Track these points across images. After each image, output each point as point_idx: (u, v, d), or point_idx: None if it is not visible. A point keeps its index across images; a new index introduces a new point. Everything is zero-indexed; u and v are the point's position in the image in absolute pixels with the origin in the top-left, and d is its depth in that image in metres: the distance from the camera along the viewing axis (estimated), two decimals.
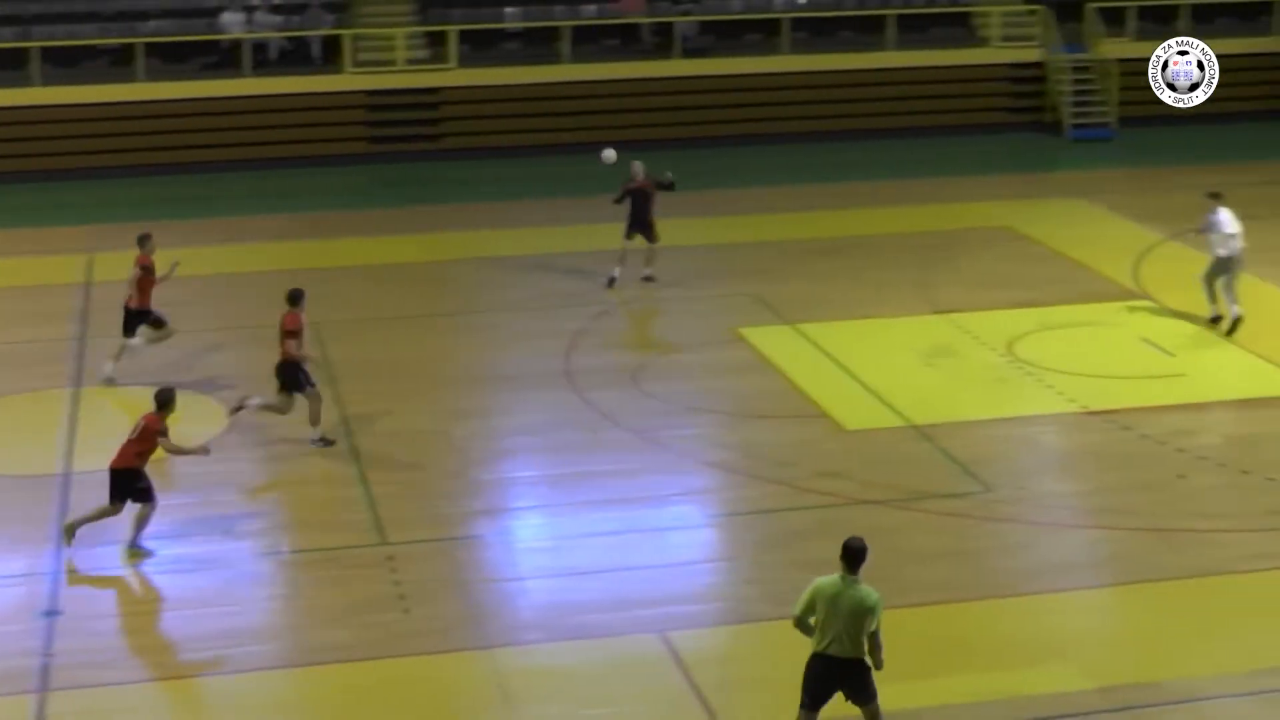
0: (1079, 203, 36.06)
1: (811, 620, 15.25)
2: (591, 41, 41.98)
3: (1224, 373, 26.19)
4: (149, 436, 20.00)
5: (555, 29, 41.52)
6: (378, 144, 40.39)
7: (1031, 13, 43.40)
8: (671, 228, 31.58)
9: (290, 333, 22.87)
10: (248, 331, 27.20)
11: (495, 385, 25.86)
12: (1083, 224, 34.31)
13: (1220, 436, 23.60)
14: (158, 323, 25.63)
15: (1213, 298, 27.83)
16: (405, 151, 40.29)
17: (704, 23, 42.47)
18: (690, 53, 41.78)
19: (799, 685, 15.60)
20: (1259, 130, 42.66)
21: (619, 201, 30.09)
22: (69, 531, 20.16)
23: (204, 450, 20.82)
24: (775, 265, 31.16)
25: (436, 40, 41.02)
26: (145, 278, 25.32)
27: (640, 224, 30.05)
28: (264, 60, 40.65)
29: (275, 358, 23.07)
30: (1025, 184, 37.80)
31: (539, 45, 41.88)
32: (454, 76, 40.65)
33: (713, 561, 20.50)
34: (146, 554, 20.05)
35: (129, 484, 20.02)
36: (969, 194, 36.77)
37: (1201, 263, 28.11)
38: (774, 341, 27.26)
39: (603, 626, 18.47)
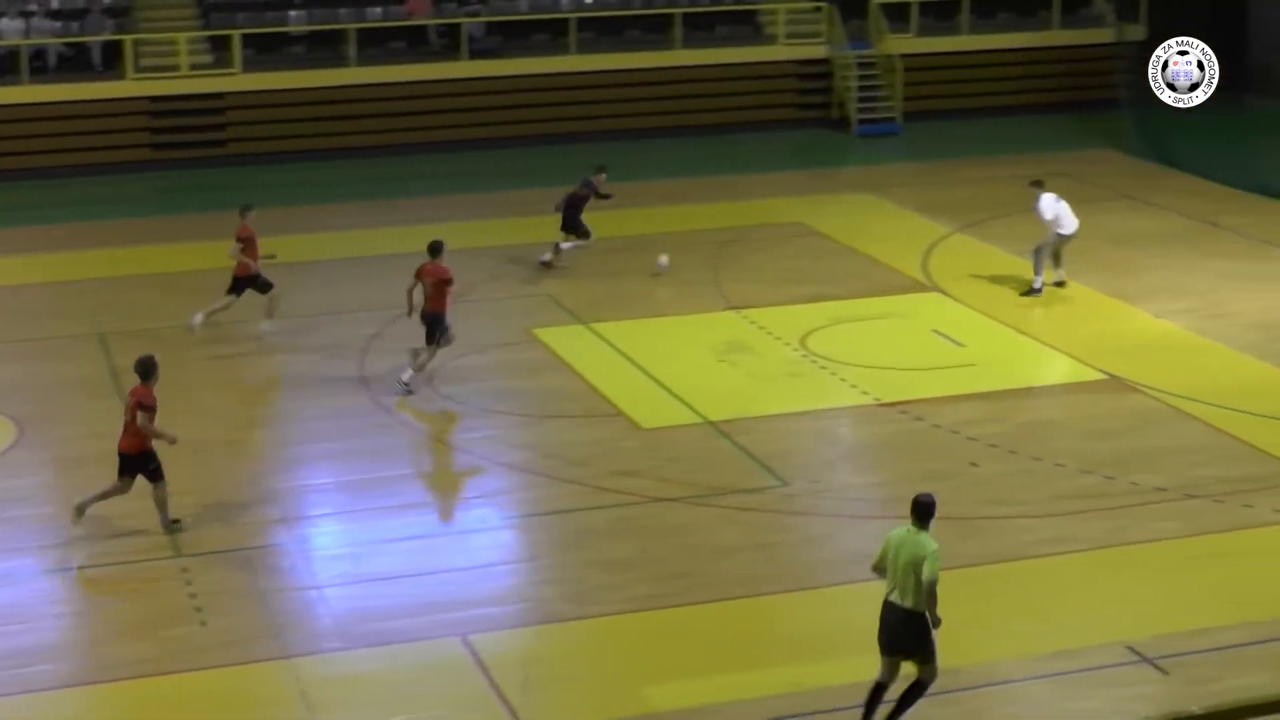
0: (868, 197, 36.41)
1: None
2: (378, 44, 41.63)
3: (1013, 361, 26.57)
4: (147, 408, 20.03)
5: (341, 32, 41.11)
6: (162, 150, 39.76)
7: (817, 10, 43.74)
8: (462, 230, 31.48)
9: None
10: (34, 345, 26.71)
11: (288, 392, 25.58)
12: (872, 218, 34.65)
13: (1011, 424, 23.89)
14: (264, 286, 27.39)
15: (1047, 267, 29.05)
16: (191, 158, 39.69)
17: (491, 23, 42.30)
18: (478, 54, 41.59)
19: (600, 684, 15.59)
20: (1040, 123, 43.31)
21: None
22: (79, 511, 20.32)
23: (173, 438, 20.44)
24: (569, 265, 31.10)
25: (220, 44, 40.46)
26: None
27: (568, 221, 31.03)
28: (43, 67, 39.86)
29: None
30: (815, 180, 38.10)
31: (325, 48, 41.45)
32: (239, 81, 40.13)
33: (512, 563, 20.41)
34: (183, 529, 20.42)
35: (141, 464, 20.21)
36: (760, 191, 36.98)
37: (996, 255, 28.50)
38: (569, 341, 27.24)
39: (404, 632, 18.33)
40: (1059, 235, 29.07)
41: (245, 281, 27.36)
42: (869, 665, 17.46)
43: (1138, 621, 18.34)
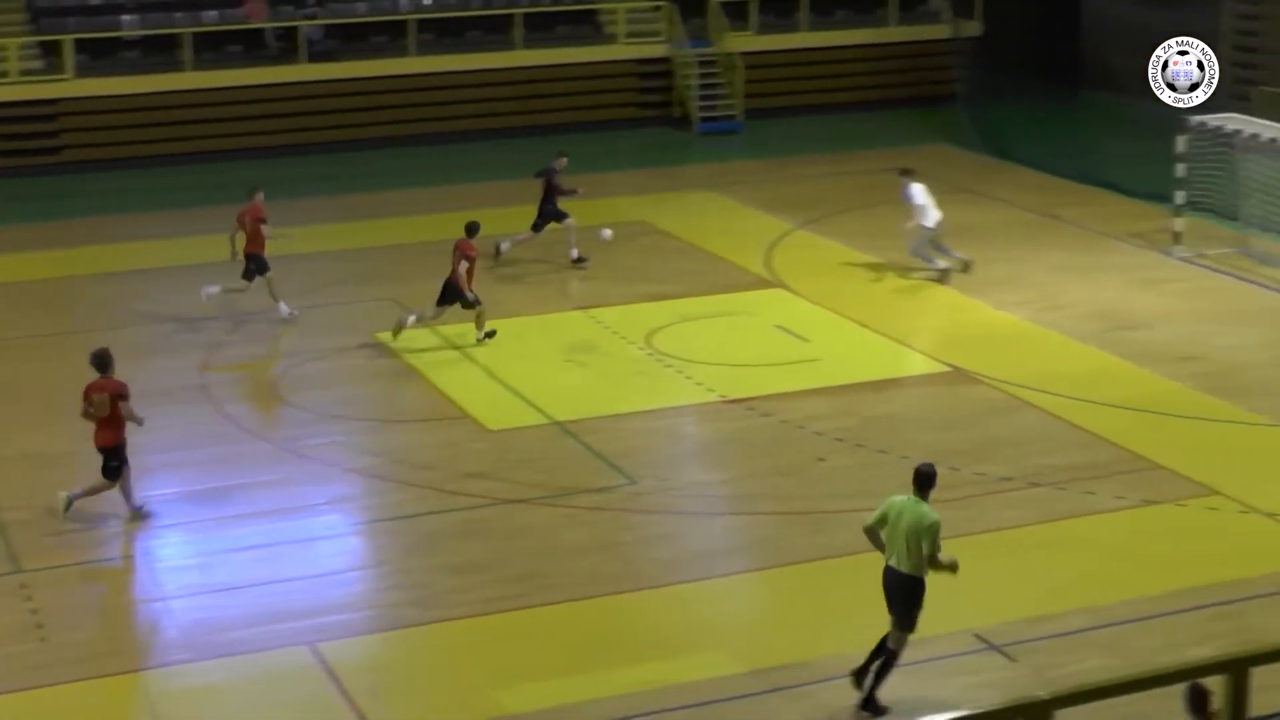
0: (711, 195, 36.52)
1: (883, 533, 16.47)
2: (214, 48, 41.21)
3: (857, 356, 26.74)
4: (124, 396, 20.55)
5: (176, 36, 40.65)
6: None
7: (656, 9, 43.83)
8: (304, 235, 31.29)
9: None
10: None
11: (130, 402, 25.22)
12: (715, 216, 34.77)
13: (856, 418, 24.05)
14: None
15: (936, 257, 29.56)
16: (23, 166, 39.06)
17: (329, 26, 42.01)
18: (316, 57, 41.29)
19: (451, 688, 15.52)
20: (879, 119, 43.65)
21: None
22: (66, 504, 20.78)
23: (140, 420, 21.03)
24: (412, 268, 30.92)
25: (51, 50, 39.88)
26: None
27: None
28: None
29: None
30: (658, 178, 38.17)
31: (160, 53, 40.93)
32: (71, 87, 39.55)
33: (360, 569, 20.28)
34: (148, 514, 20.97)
35: (117, 456, 20.70)
36: (603, 190, 36.91)
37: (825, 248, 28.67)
38: (413, 344, 27.09)
39: (252, 642, 18.16)
40: (925, 228, 29.38)
41: (258, 260, 27.97)
42: (720, 662, 17.58)
43: (985, 610, 18.52)
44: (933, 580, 19.25)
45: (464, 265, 26.66)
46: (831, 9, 45.72)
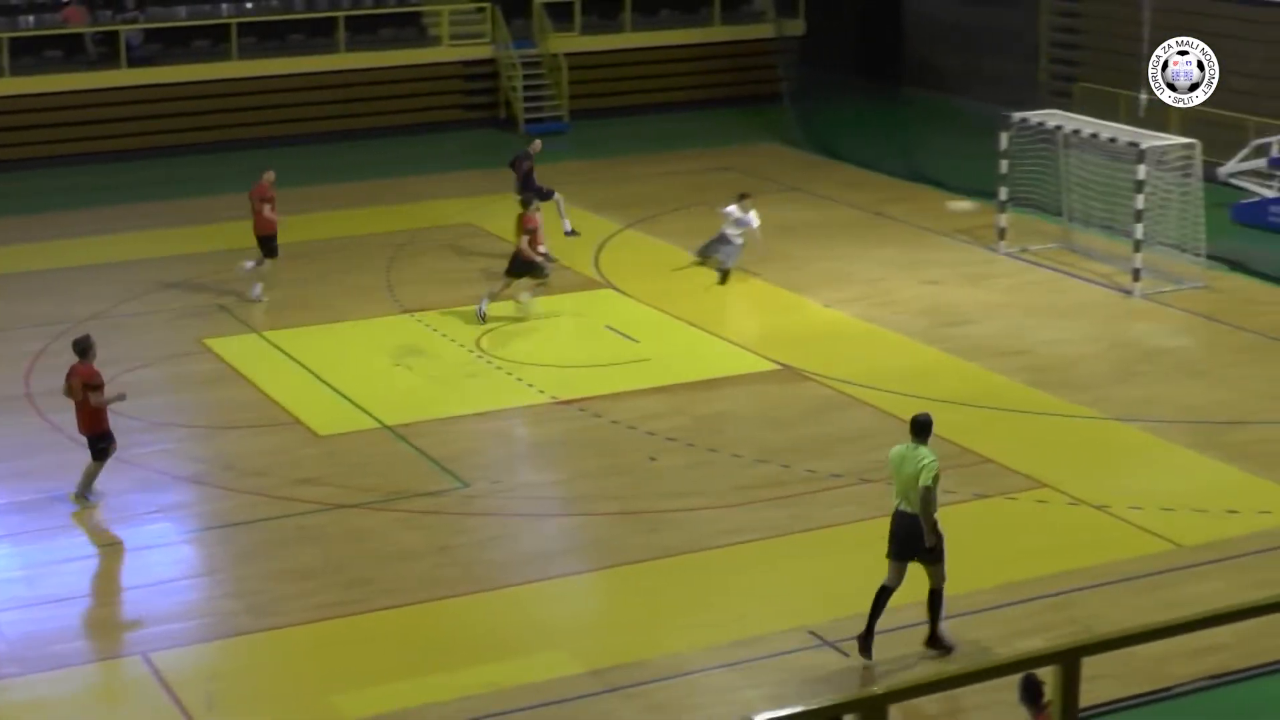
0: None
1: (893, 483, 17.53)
2: (32, 53, 40.59)
3: (687, 355, 26.84)
4: (94, 385, 21.08)
5: None
6: None
7: (480, 10, 43.74)
8: (129, 241, 30.94)
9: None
10: None
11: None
12: (543, 216, 34.64)
13: (688, 417, 24.14)
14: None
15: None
16: None
17: (150, 30, 41.52)
18: (137, 62, 40.79)
19: (288, 695, 15.38)
20: (706, 118, 43.84)
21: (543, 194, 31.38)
22: (79, 500, 21.29)
23: (122, 395, 21.82)
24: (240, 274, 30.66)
25: None
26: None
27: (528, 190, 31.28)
28: None
29: None
30: (485, 180, 38.03)
31: None
32: None
33: (192, 578, 20.05)
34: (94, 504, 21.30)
35: (103, 440, 21.31)
36: (430, 192, 36.88)
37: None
38: (241, 351, 26.87)
39: (83, 653, 17.97)
40: (731, 238, 29.63)
41: (271, 239, 29.12)
42: (558, 662, 17.58)
43: (819, 606, 18.65)
44: (766, 577, 19.43)
45: (525, 239, 28.05)
46: (656, 9, 45.88)
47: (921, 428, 17.59)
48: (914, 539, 17.29)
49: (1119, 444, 23.29)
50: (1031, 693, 14.22)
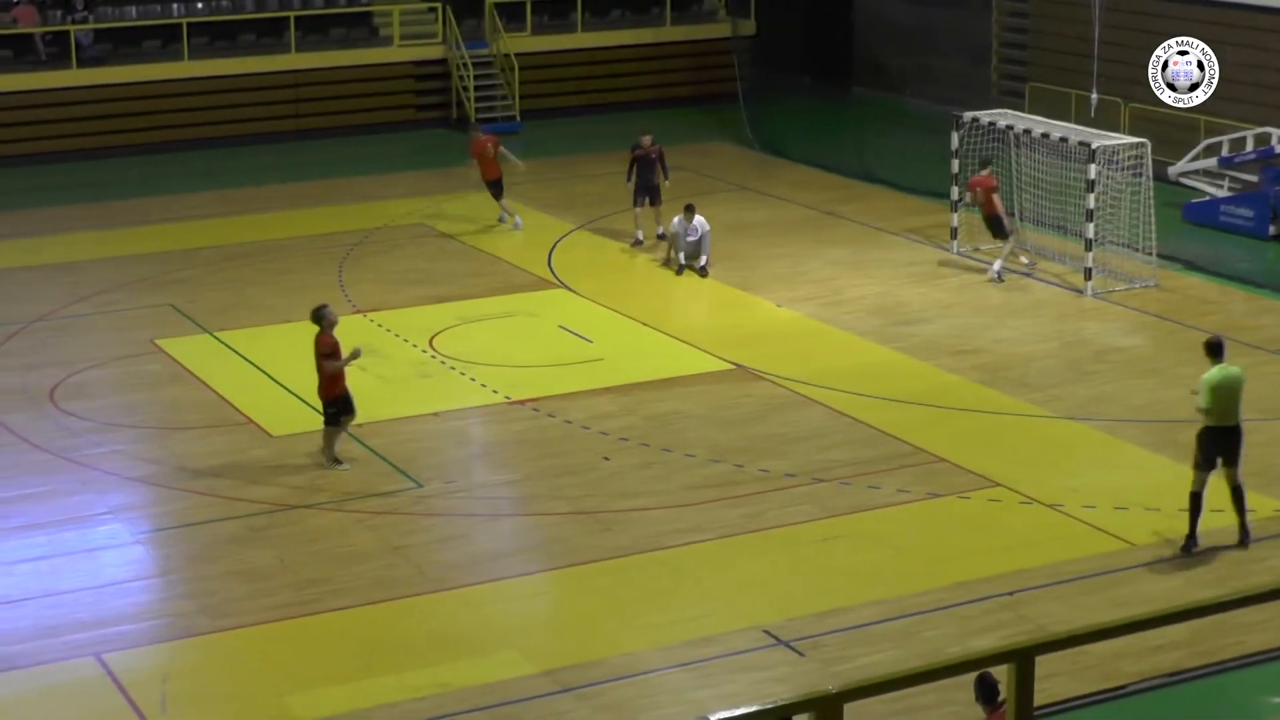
0: (490, 196, 36.37)
1: (1207, 407, 19.37)
2: None
3: (641, 355, 26.85)
4: (325, 354, 22.12)
5: None
6: None
7: (431, 11, 43.68)
8: (80, 242, 30.82)
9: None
10: None
11: None
12: (496, 217, 34.65)
13: (641, 417, 24.15)
14: None
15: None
16: None
17: (100, 31, 41.34)
18: (87, 62, 40.61)
19: (242, 696, 15.34)
20: (659, 118, 43.67)
21: (630, 178, 32.42)
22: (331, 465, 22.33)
23: None
24: (191, 274, 30.60)
25: None
26: None
27: (646, 189, 32.24)
28: None
29: None
30: (437, 180, 38.01)
31: None
32: None
33: (146, 579, 19.98)
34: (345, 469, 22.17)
35: (330, 405, 22.48)
36: (382, 192, 36.81)
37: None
38: (194, 351, 26.79)
39: (35, 655, 17.87)
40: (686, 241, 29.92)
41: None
42: (512, 662, 17.58)
43: (773, 605, 18.70)
44: (720, 577, 19.52)
45: (996, 198, 29.78)
46: (607, 9, 45.88)
47: (1213, 348, 19.56)
48: (1231, 444, 19.48)
49: (1072, 443, 23.38)
50: (987, 692, 14.28)
